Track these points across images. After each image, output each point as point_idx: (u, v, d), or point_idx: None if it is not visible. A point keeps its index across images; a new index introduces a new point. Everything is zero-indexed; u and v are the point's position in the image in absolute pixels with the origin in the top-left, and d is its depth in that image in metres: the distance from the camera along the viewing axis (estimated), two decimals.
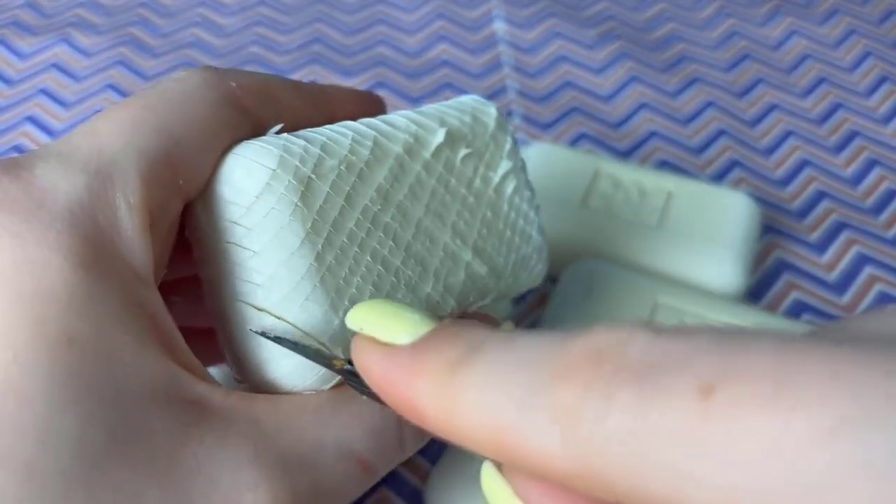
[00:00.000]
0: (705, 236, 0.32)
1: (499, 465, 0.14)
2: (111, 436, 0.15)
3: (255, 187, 0.18)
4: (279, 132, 0.20)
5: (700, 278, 0.31)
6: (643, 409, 0.11)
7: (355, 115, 0.22)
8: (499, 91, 0.43)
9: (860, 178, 0.39)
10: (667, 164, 0.39)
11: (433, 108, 0.22)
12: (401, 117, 0.21)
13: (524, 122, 0.41)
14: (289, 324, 0.18)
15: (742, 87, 0.44)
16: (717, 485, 0.10)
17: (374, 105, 0.24)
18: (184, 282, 0.22)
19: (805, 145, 0.40)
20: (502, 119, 0.23)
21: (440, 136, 0.21)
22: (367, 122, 0.21)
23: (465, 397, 0.13)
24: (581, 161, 0.35)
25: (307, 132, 0.20)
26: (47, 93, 0.42)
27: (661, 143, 0.40)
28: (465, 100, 0.23)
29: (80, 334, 0.15)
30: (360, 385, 0.17)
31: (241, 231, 0.18)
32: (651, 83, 0.43)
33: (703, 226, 0.32)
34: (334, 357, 0.18)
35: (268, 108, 0.20)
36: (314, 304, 0.18)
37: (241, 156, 0.19)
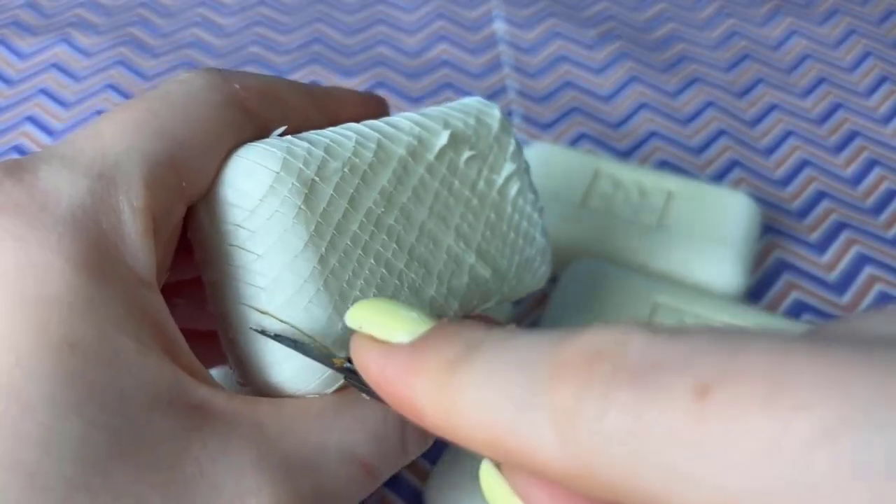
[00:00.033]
0: (705, 236, 0.32)
1: (498, 463, 0.14)
2: (114, 441, 0.15)
3: (258, 190, 0.18)
4: (282, 134, 0.20)
5: (700, 278, 0.31)
6: (641, 409, 0.11)
7: (359, 116, 0.22)
8: (499, 91, 0.43)
9: (860, 178, 0.39)
10: (667, 164, 0.39)
11: (437, 109, 0.22)
12: (404, 119, 0.21)
13: (524, 122, 0.41)
14: (292, 327, 0.18)
15: (742, 87, 0.44)
16: (715, 485, 0.10)
17: (378, 107, 0.24)
18: (186, 284, 0.22)
19: (805, 145, 0.40)
20: (506, 121, 0.23)
21: (444, 138, 0.21)
22: (371, 124, 0.21)
23: (464, 396, 0.13)
24: (581, 161, 0.35)
25: (311, 134, 0.20)
26: (47, 93, 0.42)
27: (661, 143, 0.40)
28: (468, 101, 0.23)
29: (83, 338, 0.15)
30: (360, 383, 0.17)
31: (244, 234, 0.18)
32: (651, 83, 0.43)
33: (703, 226, 0.32)
34: (334, 355, 0.18)
35: (271, 110, 0.20)
36: (318, 307, 0.18)
37: (245, 158, 0.19)
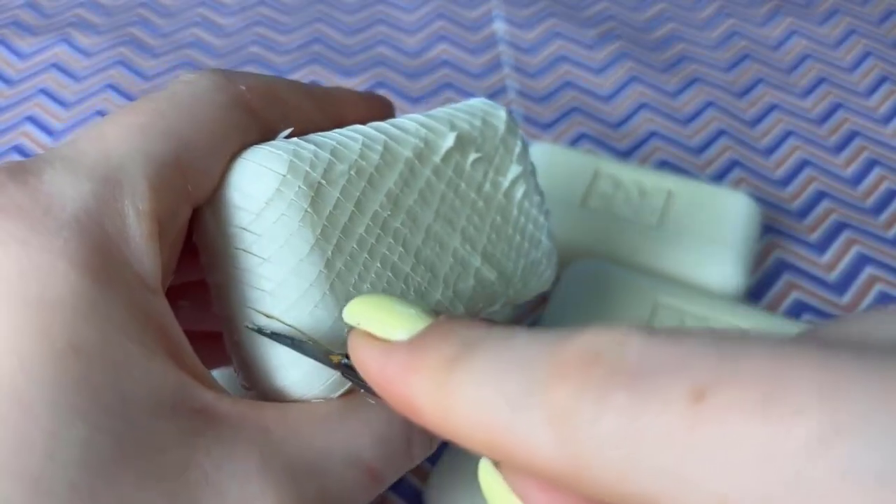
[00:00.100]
0: (705, 236, 0.32)
1: (497, 462, 0.14)
2: (118, 446, 0.15)
3: (264, 193, 0.18)
4: (289, 136, 0.20)
5: (700, 278, 0.31)
6: (636, 411, 0.11)
7: (364, 118, 0.21)
8: (499, 91, 0.43)
9: (860, 178, 0.39)
10: (667, 164, 0.39)
11: (443, 111, 0.22)
12: (411, 121, 0.21)
13: (524, 122, 0.41)
14: (290, 326, 0.18)
15: (742, 87, 0.44)
16: (711, 489, 0.10)
17: (383, 108, 0.24)
18: (191, 286, 0.22)
19: (805, 145, 0.40)
20: (512, 122, 0.23)
21: (450, 140, 0.21)
22: (378, 126, 0.21)
23: (462, 395, 0.13)
24: (581, 161, 0.35)
25: (317, 136, 0.20)
26: (47, 93, 0.42)
27: (661, 143, 0.40)
28: (474, 103, 0.23)
29: (87, 342, 0.15)
30: (358, 379, 0.17)
31: (250, 237, 0.18)
32: (651, 83, 0.43)
33: (703, 226, 0.32)
34: (332, 353, 0.18)
35: (277, 111, 0.20)
36: (323, 310, 0.18)
37: (251, 161, 0.19)
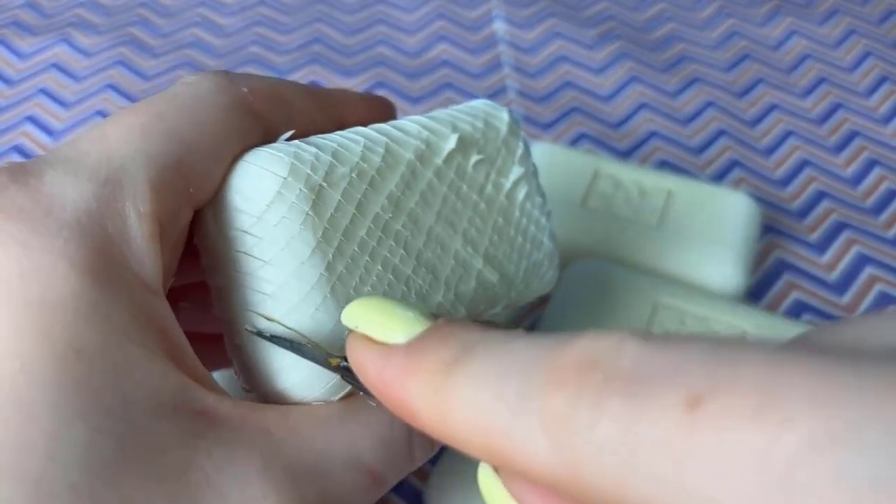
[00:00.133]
0: (705, 236, 0.32)
1: (496, 467, 0.14)
2: (119, 448, 0.15)
3: (265, 196, 0.18)
4: (290, 138, 0.20)
5: (700, 278, 0.31)
6: (632, 418, 0.11)
7: (366, 119, 0.21)
8: (499, 91, 0.43)
9: (860, 178, 0.39)
10: (667, 164, 0.39)
11: (445, 113, 0.22)
12: (412, 123, 0.21)
13: (524, 122, 0.41)
14: (296, 333, 0.18)
15: (742, 87, 0.44)
16: (705, 496, 0.10)
17: (385, 109, 0.24)
18: (192, 287, 0.22)
19: (805, 145, 0.40)
20: (514, 124, 0.23)
21: (452, 142, 0.21)
22: (379, 128, 0.21)
23: (459, 399, 0.13)
24: (581, 161, 0.35)
25: (318, 139, 0.20)
26: (47, 93, 0.42)
27: (661, 143, 0.40)
28: (476, 104, 0.23)
29: (88, 344, 0.15)
30: (358, 382, 0.17)
31: (251, 240, 0.18)
32: (651, 83, 0.43)
33: (703, 226, 0.32)
34: (331, 355, 0.18)
35: (279, 113, 0.20)
36: (324, 314, 0.18)
37: (252, 164, 0.19)
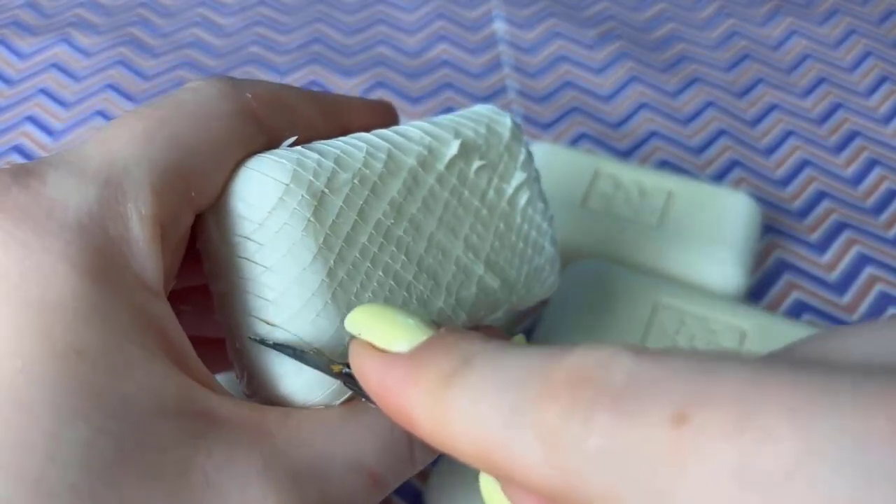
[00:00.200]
0: (705, 236, 0.32)
1: None
2: (119, 449, 0.15)
3: (267, 202, 0.18)
4: (293, 144, 0.20)
5: (700, 278, 0.31)
6: (620, 432, 0.11)
7: (369, 125, 0.21)
8: (499, 91, 0.43)
9: (860, 178, 0.39)
10: (667, 164, 0.39)
11: (448, 118, 0.22)
12: (414, 128, 0.21)
13: (524, 122, 0.41)
14: (291, 333, 0.18)
15: (742, 87, 0.44)
16: None
17: (388, 115, 0.24)
18: (193, 291, 0.22)
19: (805, 145, 0.40)
20: (517, 129, 0.23)
21: (454, 147, 0.21)
22: (382, 133, 0.21)
23: (457, 410, 0.13)
24: (581, 161, 0.35)
25: (321, 145, 0.20)
26: (47, 93, 0.42)
27: (661, 142, 0.40)
28: (479, 109, 0.23)
29: (88, 345, 0.15)
30: (359, 388, 0.17)
31: (253, 246, 0.18)
32: (651, 83, 0.43)
33: (703, 226, 0.32)
34: (332, 362, 0.18)
35: (282, 119, 0.20)
36: (325, 320, 0.18)
37: (254, 170, 0.19)
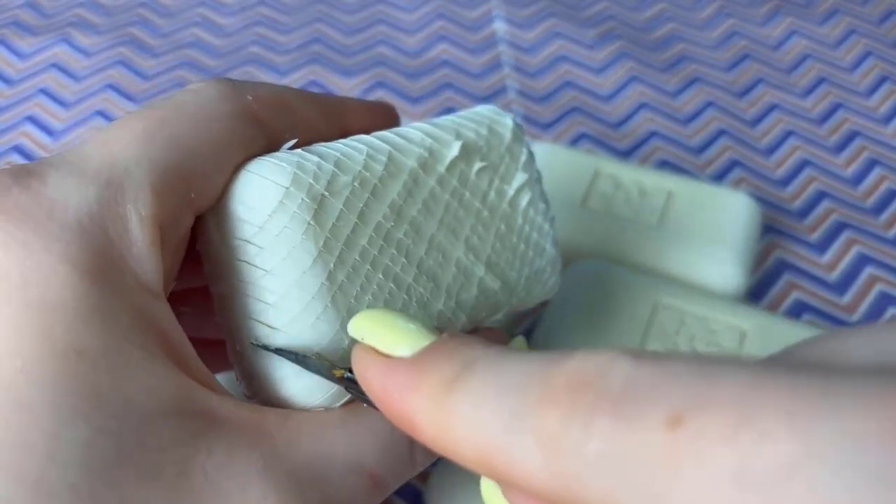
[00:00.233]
0: (705, 236, 0.32)
1: None
2: (119, 449, 0.15)
3: (267, 206, 0.18)
4: (294, 146, 0.20)
5: (700, 278, 0.31)
6: (619, 437, 0.11)
7: (370, 127, 0.21)
8: (499, 91, 0.43)
9: (860, 178, 0.39)
10: (667, 164, 0.39)
11: (449, 119, 0.22)
12: (416, 130, 0.21)
13: (524, 122, 0.41)
14: (300, 342, 0.18)
15: (742, 87, 0.44)
16: None
17: (389, 117, 0.24)
18: (194, 293, 0.22)
19: (805, 145, 0.40)
20: (518, 130, 0.23)
21: (455, 149, 0.21)
22: (382, 135, 0.21)
23: (458, 415, 0.13)
24: (581, 161, 0.35)
25: (321, 147, 0.20)
26: (47, 93, 0.42)
27: (661, 142, 0.40)
28: (481, 110, 0.23)
29: (88, 345, 0.15)
30: (360, 393, 0.17)
31: (253, 250, 0.18)
32: (651, 83, 0.43)
33: (704, 226, 0.32)
34: (334, 367, 0.18)
35: (283, 121, 0.20)
36: (325, 323, 0.18)
37: (255, 173, 0.19)
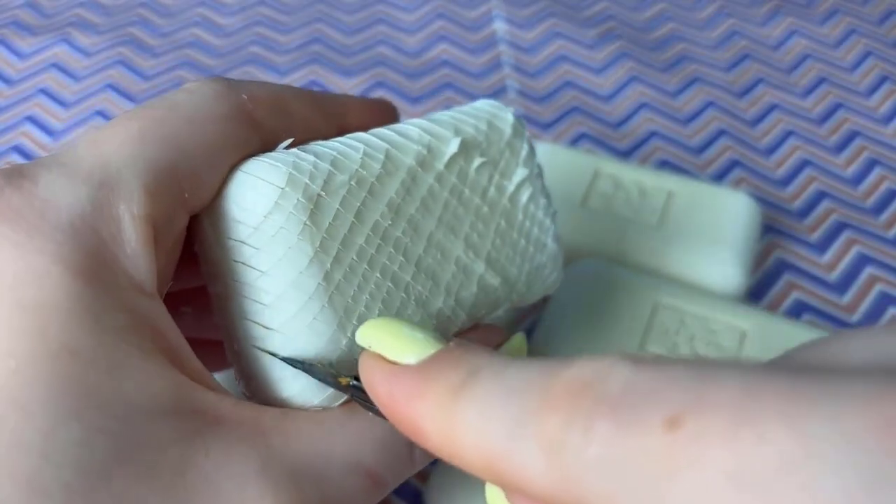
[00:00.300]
0: (705, 236, 0.32)
1: None
2: (115, 446, 0.15)
3: (263, 207, 0.18)
4: (290, 145, 0.20)
5: (700, 278, 0.31)
6: (618, 440, 0.11)
7: (368, 124, 0.21)
8: (499, 91, 0.43)
9: (860, 178, 0.39)
10: (667, 164, 0.39)
11: (448, 115, 0.22)
12: (413, 127, 0.21)
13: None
14: (296, 343, 0.18)
15: (742, 87, 0.44)
16: None
17: (387, 113, 0.24)
18: (193, 293, 0.22)
19: (805, 145, 0.40)
20: (519, 124, 0.23)
21: (454, 146, 0.21)
22: (380, 133, 0.20)
23: (463, 422, 0.13)
24: (581, 161, 0.35)
25: (317, 146, 0.19)
26: (47, 93, 0.42)
27: (661, 142, 0.40)
28: (481, 105, 0.23)
29: (82, 345, 0.15)
30: (366, 401, 0.17)
31: (248, 251, 0.18)
32: (651, 83, 0.43)
33: (704, 226, 0.32)
34: (340, 375, 0.18)
35: (279, 120, 0.20)
36: (322, 324, 0.18)
37: (250, 174, 0.18)
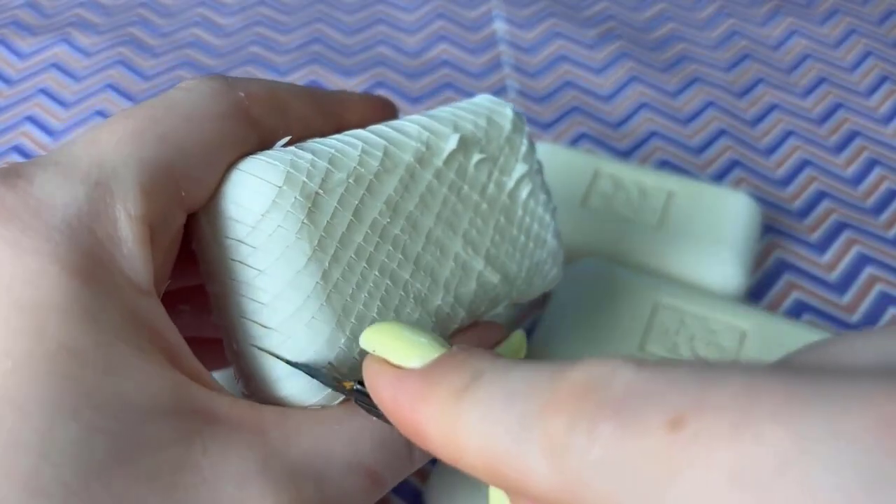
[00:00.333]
0: (705, 236, 0.32)
1: None
2: (113, 446, 0.15)
3: (260, 205, 0.18)
4: (288, 143, 0.19)
5: (700, 278, 0.31)
6: (621, 441, 0.11)
7: (367, 121, 0.21)
8: (499, 91, 0.43)
9: (860, 178, 0.39)
10: (667, 164, 0.39)
11: (447, 111, 0.22)
12: (413, 124, 0.21)
13: None
14: (294, 342, 0.18)
15: (742, 87, 0.44)
16: None
17: (386, 110, 0.24)
18: (192, 291, 0.22)
19: (805, 145, 0.40)
20: (519, 120, 0.22)
21: (453, 142, 0.21)
22: (378, 130, 0.20)
23: (467, 425, 0.13)
24: (581, 161, 0.35)
25: (315, 144, 0.19)
26: (47, 93, 0.42)
27: (661, 142, 0.40)
28: (480, 100, 0.22)
29: (79, 344, 0.15)
30: (369, 405, 0.17)
31: (246, 249, 0.18)
32: (651, 83, 0.43)
33: (704, 226, 0.32)
34: (343, 378, 0.18)
35: (277, 118, 0.20)
36: (320, 322, 0.18)
37: (247, 173, 0.18)
